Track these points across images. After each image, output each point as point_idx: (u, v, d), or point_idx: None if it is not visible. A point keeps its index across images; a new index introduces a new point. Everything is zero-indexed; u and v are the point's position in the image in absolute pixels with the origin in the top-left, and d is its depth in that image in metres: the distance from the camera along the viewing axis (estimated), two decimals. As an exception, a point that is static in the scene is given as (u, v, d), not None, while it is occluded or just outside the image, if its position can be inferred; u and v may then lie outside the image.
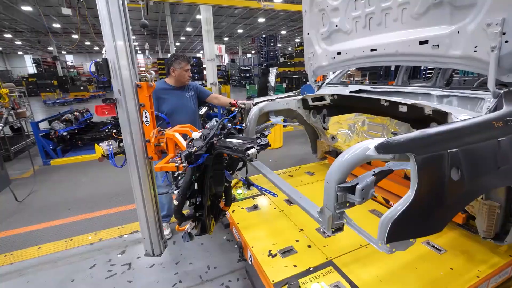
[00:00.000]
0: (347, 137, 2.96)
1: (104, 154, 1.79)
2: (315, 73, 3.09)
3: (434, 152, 1.11)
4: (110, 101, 1.71)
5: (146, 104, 1.76)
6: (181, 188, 1.27)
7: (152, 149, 1.81)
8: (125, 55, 1.67)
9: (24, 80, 22.68)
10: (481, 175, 1.23)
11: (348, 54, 2.54)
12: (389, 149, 1.10)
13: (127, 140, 1.76)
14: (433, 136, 1.14)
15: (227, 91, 12.01)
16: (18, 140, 6.10)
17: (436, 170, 1.13)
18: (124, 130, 1.75)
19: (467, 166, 1.16)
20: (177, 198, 1.29)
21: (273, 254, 1.95)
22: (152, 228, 1.94)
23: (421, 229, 1.18)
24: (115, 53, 1.64)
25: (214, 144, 1.38)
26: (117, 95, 1.70)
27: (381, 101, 2.10)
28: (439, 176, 1.13)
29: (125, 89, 1.69)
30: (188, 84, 2.69)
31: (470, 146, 1.19)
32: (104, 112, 1.81)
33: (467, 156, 1.17)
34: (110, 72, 1.67)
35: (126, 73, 1.68)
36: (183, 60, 2.52)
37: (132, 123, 1.73)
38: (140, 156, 1.79)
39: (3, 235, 2.92)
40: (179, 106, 2.55)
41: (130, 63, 1.70)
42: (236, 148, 1.21)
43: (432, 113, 1.76)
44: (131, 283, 2.18)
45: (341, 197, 1.47)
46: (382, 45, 2.16)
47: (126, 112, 1.72)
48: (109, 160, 1.79)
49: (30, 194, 3.84)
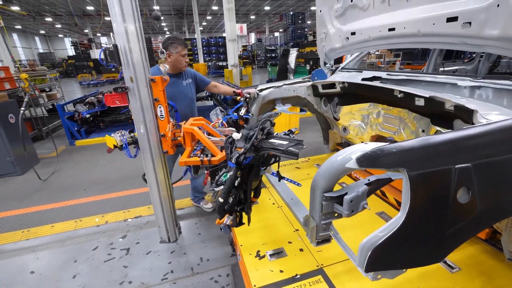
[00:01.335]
0: (359, 129, 2.66)
1: (118, 144, 1.75)
2: (328, 56, 2.77)
3: (436, 167, 0.87)
4: (122, 89, 1.65)
5: (161, 98, 1.72)
6: (226, 186, 1.35)
7: (168, 144, 1.79)
8: (137, 40, 1.58)
9: (64, 62, 24.28)
10: (504, 197, 0.96)
11: (363, 34, 2.19)
12: (375, 162, 0.88)
13: (140, 130, 1.72)
14: (437, 146, 0.89)
15: (248, 73, 11.70)
16: (50, 121, 6.55)
17: (436, 190, 0.89)
18: (137, 120, 1.71)
19: (482, 186, 0.91)
20: (221, 196, 1.37)
21: (261, 256, 1.84)
22: (168, 216, 1.98)
23: (413, 258, 0.97)
24: (126, 38, 1.54)
25: (255, 144, 1.40)
26: (129, 84, 1.63)
27: (394, 92, 1.79)
28: (440, 197, 0.89)
29: (138, 76, 1.62)
30: (186, 71, 2.50)
31: (490, 160, 0.92)
32: (114, 102, 1.75)
33: (484, 173, 0.91)
34: (121, 59, 1.59)
35: (139, 60, 1.61)
36: (180, 44, 2.32)
37: (146, 112, 1.69)
38: (155, 146, 1.78)
39: (25, 211, 3.16)
40: (175, 95, 2.33)
41: (142, 48, 1.62)
42: (290, 151, 1.24)
43: (454, 109, 1.44)
44: (126, 268, 2.24)
45: (327, 207, 1.29)
46: (401, 24, 1.81)
47: (139, 101, 1.66)
48: (124, 151, 1.77)
49: (53, 174, 4.11)
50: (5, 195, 3.57)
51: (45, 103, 6.36)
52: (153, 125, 1.74)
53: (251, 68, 23.89)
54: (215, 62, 19.50)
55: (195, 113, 2.62)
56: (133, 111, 1.70)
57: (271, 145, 1.34)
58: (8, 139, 3.94)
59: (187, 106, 2.47)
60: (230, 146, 1.46)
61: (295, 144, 1.27)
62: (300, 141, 1.29)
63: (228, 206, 1.48)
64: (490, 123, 0.99)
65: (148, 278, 2.13)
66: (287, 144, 1.30)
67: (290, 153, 1.27)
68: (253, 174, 1.53)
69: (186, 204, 3.11)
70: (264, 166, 1.88)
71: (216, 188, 1.50)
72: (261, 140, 1.38)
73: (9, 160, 4.03)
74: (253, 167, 1.43)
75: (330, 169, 1.20)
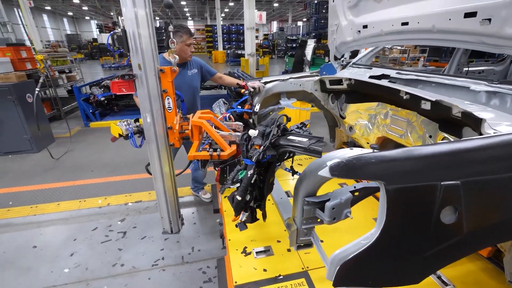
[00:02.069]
0: (365, 130, 2.52)
1: (123, 134, 1.73)
2: (339, 50, 2.62)
3: (418, 182, 0.79)
4: (129, 77, 1.61)
5: (169, 90, 1.69)
6: (244, 184, 1.30)
7: (175, 136, 1.77)
8: (147, 25, 1.53)
9: (89, 44, 25.01)
10: (496, 220, 0.86)
11: (375, 28, 2.04)
12: (349, 172, 0.81)
13: (147, 119, 1.70)
14: (421, 159, 0.80)
15: (265, 63, 11.49)
16: (69, 102, 6.81)
17: (417, 207, 0.81)
18: (144, 109, 1.68)
19: (472, 206, 0.81)
20: (239, 194, 1.32)
21: (247, 252, 1.82)
22: (172, 207, 1.98)
23: (386, 278, 0.90)
24: (136, 23, 1.49)
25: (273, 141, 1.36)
26: (137, 71, 1.60)
27: (400, 93, 1.65)
28: (420, 215, 0.81)
29: (146, 63, 1.58)
30: (191, 60, 2.44)
31: (485, 179, 0.82)
32: (121, 89, 1.72)
33: (476, 192, 0.81)
34: (129, 45, 1.55)
35: (148, 47, 1.56)
36: (185, 33, 2.25)
37: (153, 102, 1.66)
38: (161, 137, 1.76)
39: (36, 187, 3.33)
40: (180, 85, 2.22)
41: (152, 35, 1.58)
42: (313, 149, 1.18)
43: (461, 116, 1.30)
44: (121, 251, 2.31)
45: (309, 212, 1.24)
46: (415, 18, 1.65)
47: (146, 90, 1.63)
48: (129, 140, 1.75)
49: (66, 153, 4.29)
50: (20, 171, 3.78)
51: (64, 84, 6.60)
52: (160, 115, 1.71)
53: (271, 58, 23.56)
54: (234, 50, 19.28)
55: (198, 104, 2.59)
56: (140, 100, 1.67)
57: (291, 143, 1.28)
58: (25, 118, 4.14)
59: (191, 97, 2.45)
60: (246, 143, 1.42)
61: (316, 141, 1.21)
62: (321, 138, 1.22)
63: (244, 204, 1.43)
64: (491, 135, 0.88)
65: (140, 263, 2.18)
66: (308, 141, 1.23)
67: (313, 151, 1.20)
68: (271, 171, 1.49)
69: (185, 193, 3.15)
70: (279, 162, 1.83)
71: (232, 185, 1.43)
72: (278, 136, 1.32)
73: (26, 137, 4.24)
74: (271, 164, 1.38)
75: (311, 173, 1.13)
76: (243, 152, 1.42)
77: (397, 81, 1.93)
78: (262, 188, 1.47)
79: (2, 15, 17.74)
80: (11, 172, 3.75)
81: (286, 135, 1.35)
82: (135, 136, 1.77)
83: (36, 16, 25.12)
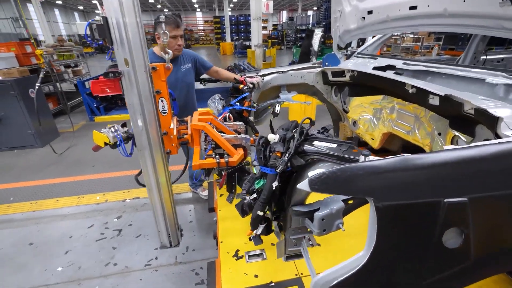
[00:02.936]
0: (370, 125, 2.35)
1: (110, 142, 1.52)
2: (342, 39, 2.44)
3: (415, 199, 0.65)
4: (114, 75, 1.38)
5: (163, 90, 1.46)
6: (264, 196, 1.13)
7: (173, 142, 1.57)
8: (133, 12, 1.30)
9: (99, 38, 25.14)
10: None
11: (381, 13, 1.85)
12: (332, 186, 0.68)
13: (137, 123, 1.48)
14: (420, 170, 0.66)
15: (272, 54, 11.20)
16: (76, 96, 6.84)
17: (414, 229, 0.68)
18: (133, 112, 1.45)
19: (483, 228, 0.67)
20: (259, 208, 1.16)
21: (239, 256, 1.73)
22: (170, 220, 1.80)
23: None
24: (120, 9, 1.26)
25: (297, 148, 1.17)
26: (123, 67, 1.36)
27: (406, 86, 1.48)
28: (418, 238, 0.68)
29: (135, 58, 1.35)
30: (184, 54, 2.28)
31: (499, 194, 0.67)
32: (104, 90, 1.56)
33: (489, 212, 0.67)
34: (112, 36, 1.32)
35: (136, 37, 1.33)
36: (170, 24, 2.04)
37: (145, 103, 1.43)
38: (155, 142, 1.55)
39: (37, 183, 3.35)
40: (171, 83, 2.02)
41: (139, 23, 1.34)
42: (349, 157, 0.97)
43: (474, 113, 1.14)
44: (114, 250, 2.27)
45: (297, 221, 1.12)
46: (425, 1, 1.46)
47: (136, 88, 1.40)
48: (118, 148, 1.56)
49: (69, 148, 4.30)
50: (23, 166, 3.82)
51: (70, 79, 6.63)
52: (153, 117, 1.49)
53: (279, 49, 23.03)
54: (242, 42, 18.97)
55: (194, 101, 2.47)
56: (128, 102, 1.44)
57: (319, 150, 1.10)
58: (28, 113, 4.16)
59: (185, 94, 2.32)
60: (263, 149, 1.25)
61: (348, 148, 1.04)
62: (352, 144, 1.06)
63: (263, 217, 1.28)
64: (509, 141, 0.72)
65: (133, 262, 2.14)
66: (339, 148, 1.05)
67: (348, 161, 1.01)
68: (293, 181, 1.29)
69: (184, 189, 3.08)
70: None
71: (248, 196, 1.28)
72: (301, 142, 1.15)
73: (30, 132, 4.28)
74: (293, 173, 1.21)
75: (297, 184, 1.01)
76: (260, 159, 1.24)
77: (403, 73, 1.75)
78: (281, 200, 1.27)
79: (14, 10, 18.06)
80: (15, 167, 3.79)
81: (310, 140, 1.16)
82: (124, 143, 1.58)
83: (48, 11, 25.47)
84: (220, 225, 2.01)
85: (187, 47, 11.22)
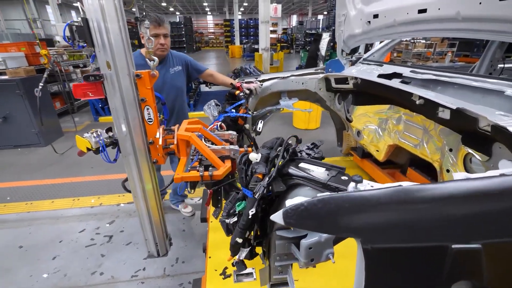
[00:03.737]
0: (375, 136, 2.21)
1: (93, 148, 1.46)
2: (346, 44, 2.31)
3: (414, 242, 0.53)
4: (96, 78, 1.32)
5: (149, 98, 1.40)
6: (243, 222, 1.03)
7: (159, 152, 1.51)
8: (114, 10, 1.24)
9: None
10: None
11: (387, 17, 1.72)
12: (310, 221, 0.56)
13: (121, 128, 1.41)
14: (421, 205, 0.53)
15: (280, 58, 11.11)
16: (83, 95, 6.91)
17: (410, 279, 0.55)
18: (117, 116, 1.38)
19: (502, 281, 0.54)
20: (238, 235, 1.06)
21: (226, 274, 1.62)
22: (157, 228, 1.74)
23: None
24: (100, 9, 1.22)
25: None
26: (105, 71, 1.31)
27: (413, 97, 1.34)
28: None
29: (117, 61, 1.29)
30: (173, 56, 2.17)
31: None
32: (86, 94, 1.46)
33: (508, 260, 0.54)
34: (93, 38, 1.27)
35: (118, 37, 1.27)
36: (151, 21, 1.93)
37: (129, 108, 1.37)
38: (141, 148, 1.48)
39: (35, 183, 3.33)
40: (158, 86, 1.99)
41: (122, 22, 1.28)
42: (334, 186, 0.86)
43: (491, 131, 0.99)
44: (103, 257, 2.19)
45: (282, 247, 1.00)
46: (435, 4, 1.33)
47: (119, 93, 1.34)
48: (100, 154, 1.49)
49: (70, 148, 4.29)
50: (24, 165, 3.82)
51: (78, 79, 6.70)
52: (138, 124, 1.43)
53: (288, 53, 22.95)
54: (251, 45, 19.01)
55: (185, 106, 2.37)
56: (112, 106, 1.38)
57: (304, 174, 0.98)
58: (33, 112, 4.18)
59: (174, 98, 2.20)
60: (245, 168, 1.14)
61: (337, 174, 0.93)
62: (342, 169, 0.95)
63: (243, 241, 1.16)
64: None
65: (119, 272, 2.05)
66: (326, 173, 0.94)
67: (334, 190, 0.90)
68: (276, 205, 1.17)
69: (179, 195, 2.99)
70: None
71: (227, 220, 1.17)
72: (286, 163, 1.04)
73: (34, 131, 4.30)
74: (277, 198, 1.09)
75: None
76: (242, 180, 1.14)
77: (411, 82, 1.61)
78: (265, 224, 1.17)
79: (32, 11, 18.65)
80: (16, 166, 3.80)
81: (296, 161, 1.05)
82: (107, 148, 1.49)
83: (65, 12, 26.17)
84: (211, 236, 1.90)
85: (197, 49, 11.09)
